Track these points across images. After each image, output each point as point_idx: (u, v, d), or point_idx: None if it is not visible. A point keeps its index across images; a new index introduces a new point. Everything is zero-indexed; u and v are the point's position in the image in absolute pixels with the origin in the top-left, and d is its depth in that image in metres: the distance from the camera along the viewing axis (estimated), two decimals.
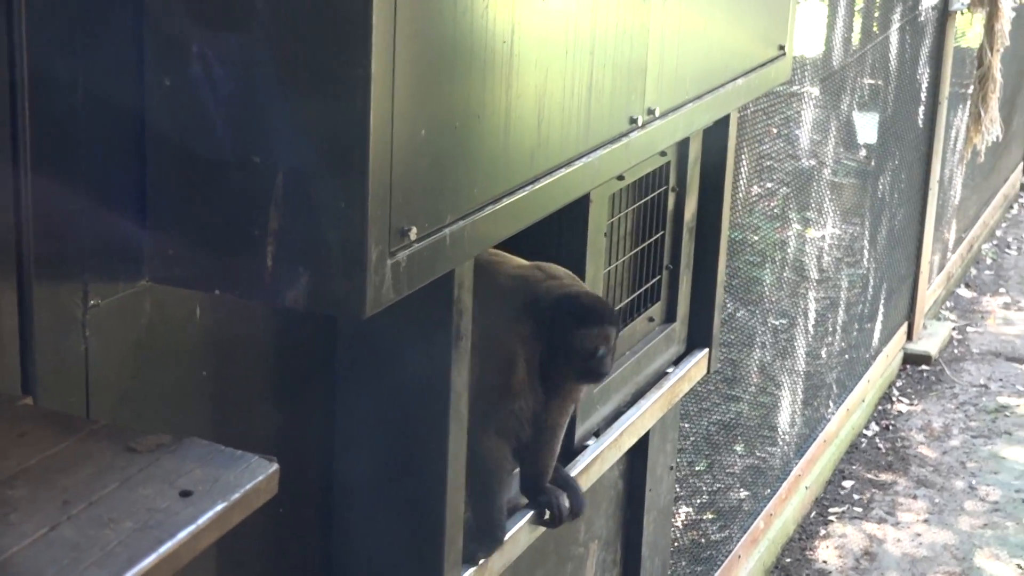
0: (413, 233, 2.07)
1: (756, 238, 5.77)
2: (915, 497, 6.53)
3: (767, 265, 5.92)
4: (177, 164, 2.03)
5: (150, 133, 2.03)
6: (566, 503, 3.07)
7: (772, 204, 5.99)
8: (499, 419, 2.85)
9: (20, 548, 1.57)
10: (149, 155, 2.04)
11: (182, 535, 1.64)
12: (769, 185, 5.95)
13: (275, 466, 1.79)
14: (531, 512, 3.02)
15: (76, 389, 1.97)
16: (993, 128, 7.47)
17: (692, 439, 5.25)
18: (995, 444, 7.12)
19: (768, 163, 5.82)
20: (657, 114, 2.92)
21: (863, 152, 6.96)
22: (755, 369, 5.82)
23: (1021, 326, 8.76)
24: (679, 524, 5.11)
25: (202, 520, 1.66)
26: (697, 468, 5.38)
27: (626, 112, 2.78)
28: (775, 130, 5.88)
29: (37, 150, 1.85)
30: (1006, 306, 9.12)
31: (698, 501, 5.35)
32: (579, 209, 3.06)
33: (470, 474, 2.74)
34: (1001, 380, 7.90)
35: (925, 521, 6.32)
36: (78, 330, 1.96)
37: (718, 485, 5.50)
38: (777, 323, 6.01)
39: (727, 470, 5.60)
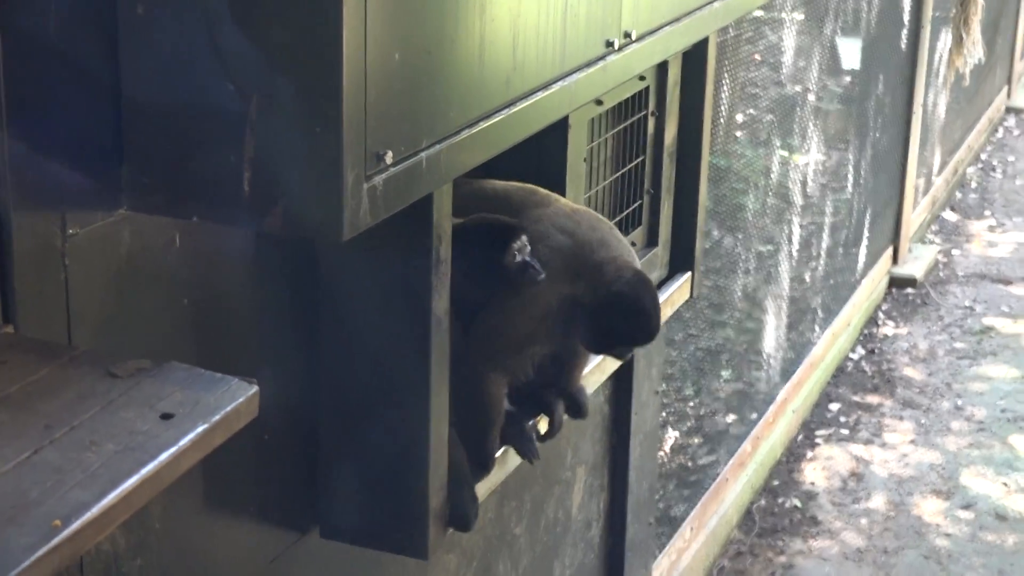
0: (389, 157, 2.08)
1: (741, 165, 5.78)
2: (901, 418, 6.58)
3: (752, 192, 5.93)
4: (151, 93, 2.03)
5: (124, 62, 2.03)
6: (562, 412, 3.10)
7: (757, 131, 6.00)
8: (510, 362, 2.87)
9: (3, 472, 1.60)
10: (123, 85, 2.04)
11: (163, 457, 1.66)
12: (753, 112, 5.96)
13: (255, 388, 1.81)
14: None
15: (57, 317, 1.98)
16: (975, 51, 7.47)
17: (679, 365, 5.29)
18: (980, 365, 7.16)
19: (752, 90, 5.82)
20: (634, 37, 2.92)
21: (847, 78, 6.96)
22: (741, 295, 5.85)
23: (1006, 248, 8.80)
24: (667, 448, 5.15)
25: (183, 442, 1.69)
26: (684, 393, 5.42)
27: (602, 35, 2.79)
28: (759, 56, 5.88)
29: (11, 83, 1.86)
30: (991, 228, 9.15)
31: (686, 426, 5.39)
32: (558, 134, 3.07)
33: (466, 407, 2.77)
34: (986, 302, 7.95)
35: (911, 442, 6.38)
36: (57, 259, 1.98)
37: (705, 410, 5.54)
38: (763, 249, 6.03)
39: (714, 395, 5.64)
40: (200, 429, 1.71)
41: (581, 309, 2.87)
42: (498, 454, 2.94)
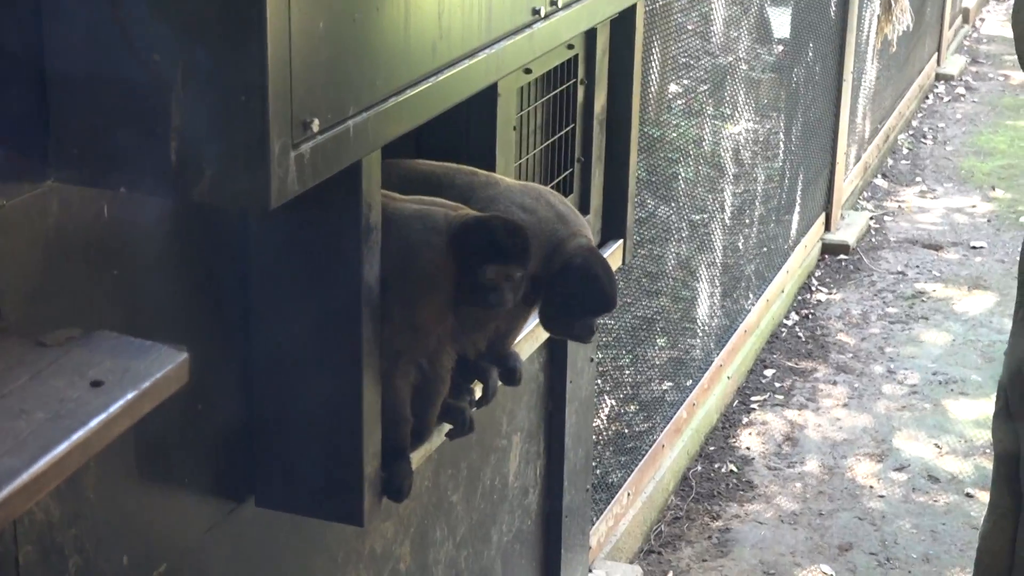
0: (315, 125, 2.09)
1: (674, 135, 5.82)
2: (835, 383, 6.66)
3: (686, 161, 5.98)
4: (77, 65, 2.03)
5: (47, 36, 2.03)
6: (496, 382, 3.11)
7: (690, 101, 6.04)
8: (469, 338, 2.89)
9: None
10: (47, 58, 2.04)
11: (93, 423, 1.67)
12: (686, 82, 5.99)
13: (185, 355, 1.82)
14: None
15: None
16: (904, 18, 7.55)
17: (615, 334, 5.33)
18: (913, 329, 7.26)
19: (684, 60, 5.86)
20: (560, 4, 2.94)
21: (778, 47, 7.01)
22: (675, 264, 5.90)
23: (937, 214, 8.91)
24: (603, 416, 5.20)
25: (113, 408, 1.70)
26: (620, 362, 5.46)
27: (528, 3, 2.81)
28: (691, 27, 5.91)
29: None
30: (922, 194, 9.26)
31: (622, 394, 5.44)
32: (487, 103, 3.08)
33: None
34: (918, 267, 8.04)
35: (845, 406, 6.46)
36: None
37: (641, 378, 5.59)
38: (696, 218, 6.08)
39: (650, 363, 5.69)
40: (130, 396, 1.72)
41: (540, 286, 2.90)
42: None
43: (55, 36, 2.03)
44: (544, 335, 3.48)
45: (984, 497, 5.00)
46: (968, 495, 5.74)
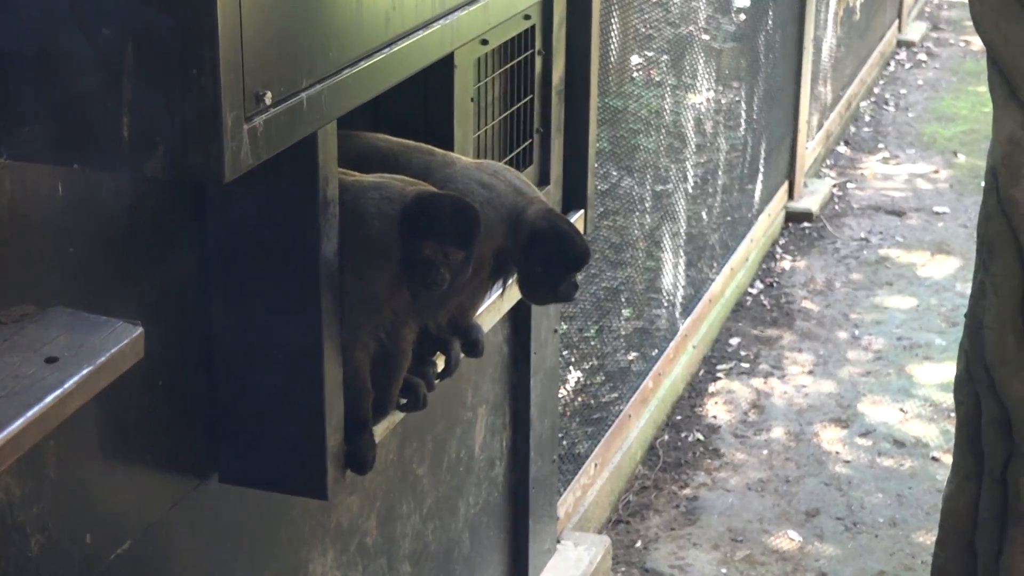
0: (268, 98, 2.09)
1: (636, 105, 5.82)
2: (800, 350, 6.69)
3: (648, 132, 5.98)
4: (24, 42, 2.02)
5: None
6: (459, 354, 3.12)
7: (651, 72, 6.04)
8: (430, 313, 2.89)
9: None
10: None
11: (49, 399, 1.67)
12: (649, 53, 6.00)
13: (140, 330, 1.82)
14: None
15: None
16: None
17: (580, 305, 5.34)
18: (877, 295, 7.29)
19: (645, 30, 5.86)
20: None
21: (738, 15, 7.02)
22: (640, 234, 5.91)
23: (899, 180, 8.94)
24: (569, 387, 5.21)
25: (68, 384, 1.70)
26: (586, 334, 5.47)
27: None
28: None
29: None
30: (884, 161, 9.29)
31: (588, 365, 5.45)
32: (444, 75, 3.08)
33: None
34: (881, 233, 8.07)
35: (810, 373, 6.48)
36: None
37: (607, 349, 5.60)
38: (660, 188, 6.09)
39: (615, 333, 5.70)
40: (85, 371, 1.72)
41: (508, 259, 2.91)
42: None
43: (3, 12, 2.02)
44: (507, 306, 3.49)
45: (949, 460, 5.03)
46: (934, 459, 5.78)
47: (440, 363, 3.11)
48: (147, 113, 2.01)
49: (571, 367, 5.26)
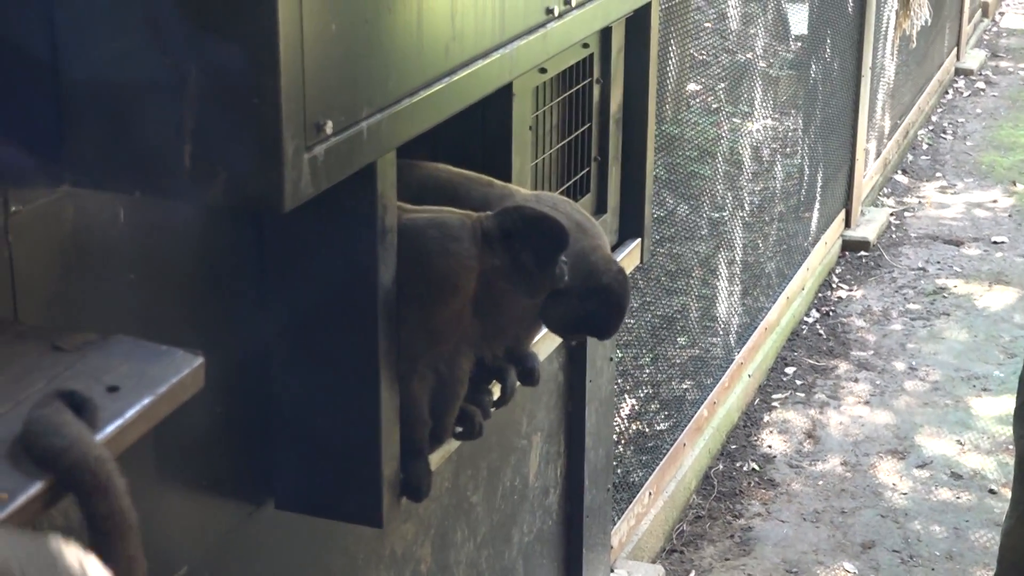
0: (329, 127, 2.09)
1: (693, 133, 5.81)
2: (856, 380, 6.64)
3: (704, 159, 5.97)
4: (90, 69, 2.04)
5: (62, 39, 2.04)
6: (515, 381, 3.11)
7: (708, 99, 6.03)
8: (491, 343, 2.89)
9: None
10: (62, 61, 2.05)
11: (110, 429, 1.67)
12: (704, 81, 5.99)
13: (200, 359, 1.82)
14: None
15: (2, 294, 1.99)
16: (922, 13, 7.53)
17: (635, 333, 5.32)
18: (934, 325, 7.23)
19: (702, 58, 5.85)
20: (574, 4, 2.94)
21: (795, 43, 7.00)
22: (695, 262, 5.89)
23: (957, 209, 8.88)
24: (623, 415, 5.19)
25: (129, 414, 1.70)
26: (640, 361, 5.46)
27: (542, 2, 2.80)
28: (709, 25, 5.91)
29: None
30: (942, 190, 9.23)
31: (642, 393, 5.43)
32: (503, 103, 3.08)
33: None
34: (939, 263, 8.02)
35: (866, 403, 6.44)
36: (1, 236, 1.99)
37: (662, 376, 5.59)
38: (716, 216, 6.07)
39: (670, 362, 5.68)
40: (146, 401, 1.73)
41: (561, 294, 2.89)
42: None
43: (69, 40, 2.03)
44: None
45: (1007, 494, 4.98)
46: (991, 491, 5.72)
47: (496, 391, 3.11)
48: (208, 141, 2.01)
49: (626, 395, 5.24)
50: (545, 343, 3.32)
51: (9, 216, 2.00)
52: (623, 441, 5.12)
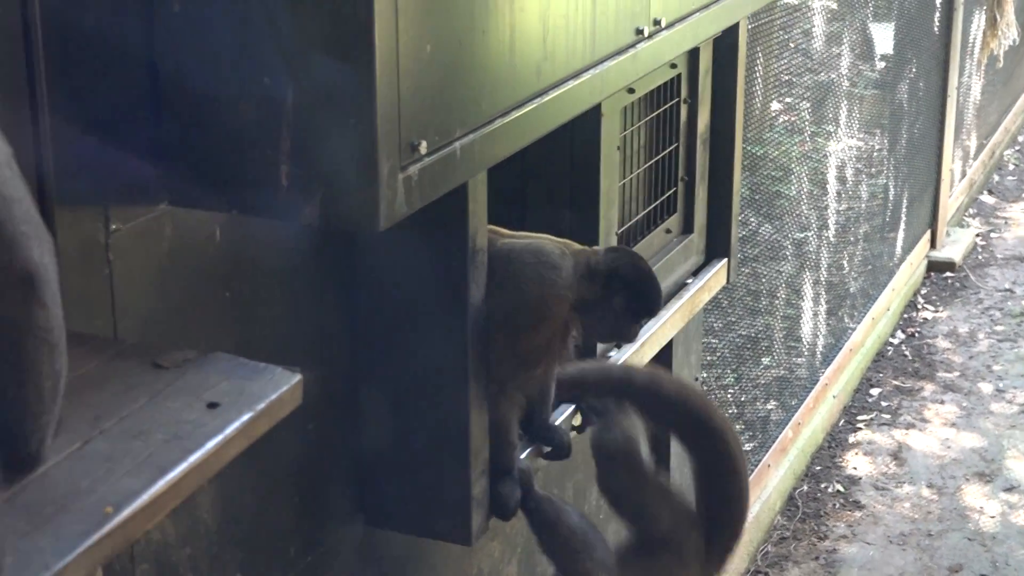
0: (423, 147, 2.11)
1: (777, 152, 5.79)
2: (943, 402, 6.57)
3: (789, 179, 5.94)
4: (189, 88, 2.07)
5: (161, 59, 2.07)
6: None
7: (792, 118, 6.01)
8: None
9: (56, 462, 1.63)
10: (161, 81, 2.08)
11: (210, 445, 1.69)
12: (788, 100, 5.97)
13: (298, 376, 1.84)
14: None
15: (102, 311, 2.02)
16: (1010, 32, 7.45)
17: (719, 353, 5.31)
18: (1021, 347, 7.14)
19: (787, 77, 5.83)
20: (663, 24, 2.94)
21: (881, 63, 6.95)
22: (780, 282, 5.86)
23: None
24: None
25: (229, 430, 1.72)
26: (725, 381, 5.44)
27: (632, 23, 2.81)
28: (793, 44, 5.88)
29: (53, 80, 1.90)
30: None
31: (727, 413, 5.40)
32: (591, 123, 3.09)
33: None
34: None
35: (953, 425, 6.37)
36: (101, 255, 2.02)
37: (746, 397, 5.56)
38: (800, 236, 6.04)
39: (755, 382, 5.66)
40: (245, 418, 1.74)
41: (587, 304, 2.82)
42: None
43: (170, 58, 2.06)
44: (649, 353, 3.48)
45: None
46: None
47: (577, 419, 3.13)
48: (305, 161, 2.04)
49: None
50: (633, 361, 3.33)
51: (110, 235, 2.03)
52: None
